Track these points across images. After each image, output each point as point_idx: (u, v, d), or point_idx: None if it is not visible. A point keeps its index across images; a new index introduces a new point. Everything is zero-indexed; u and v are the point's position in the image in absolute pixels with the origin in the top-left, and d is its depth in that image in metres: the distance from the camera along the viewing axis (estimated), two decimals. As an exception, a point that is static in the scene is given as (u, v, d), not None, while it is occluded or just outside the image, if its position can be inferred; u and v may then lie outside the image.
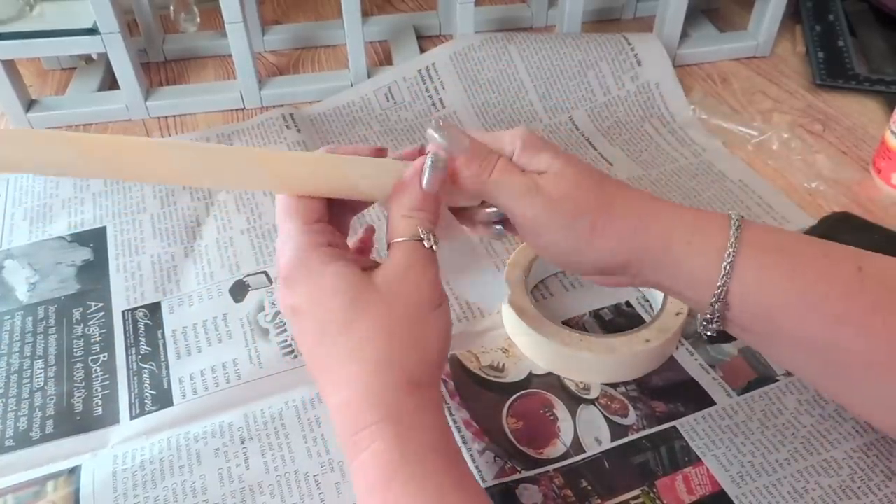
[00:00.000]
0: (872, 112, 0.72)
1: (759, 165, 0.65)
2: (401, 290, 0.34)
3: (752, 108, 0.73)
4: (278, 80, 0.75)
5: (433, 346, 0.34)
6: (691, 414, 0.44)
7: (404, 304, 0.33)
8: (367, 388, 0.32)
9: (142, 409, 0.46)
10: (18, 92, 0.69)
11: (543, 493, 0.41)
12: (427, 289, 0.34)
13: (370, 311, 0.33)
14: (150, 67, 0.81)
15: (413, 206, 0.35)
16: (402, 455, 0.31)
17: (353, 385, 0.32)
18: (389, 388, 0.32)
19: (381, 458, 0.31)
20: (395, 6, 0.91)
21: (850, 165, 0.65)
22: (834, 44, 0.80)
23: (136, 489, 0.41)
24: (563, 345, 0.45)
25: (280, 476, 0.42)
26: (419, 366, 0.33)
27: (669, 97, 0.72)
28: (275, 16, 0.90)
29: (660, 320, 0.47)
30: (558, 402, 0.45)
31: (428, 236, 0.35)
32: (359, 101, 0.72)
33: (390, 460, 0.31)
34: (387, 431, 0.31)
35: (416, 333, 0.33)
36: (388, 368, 0.32)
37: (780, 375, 0.46)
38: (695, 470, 0.42)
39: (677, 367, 0.47)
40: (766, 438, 0.43)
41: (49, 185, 0.64)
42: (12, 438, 0.44)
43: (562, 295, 0.53)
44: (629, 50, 0.73)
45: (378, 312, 0.33)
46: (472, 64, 0.73)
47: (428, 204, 0.36)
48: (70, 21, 0.67)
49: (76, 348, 0.50)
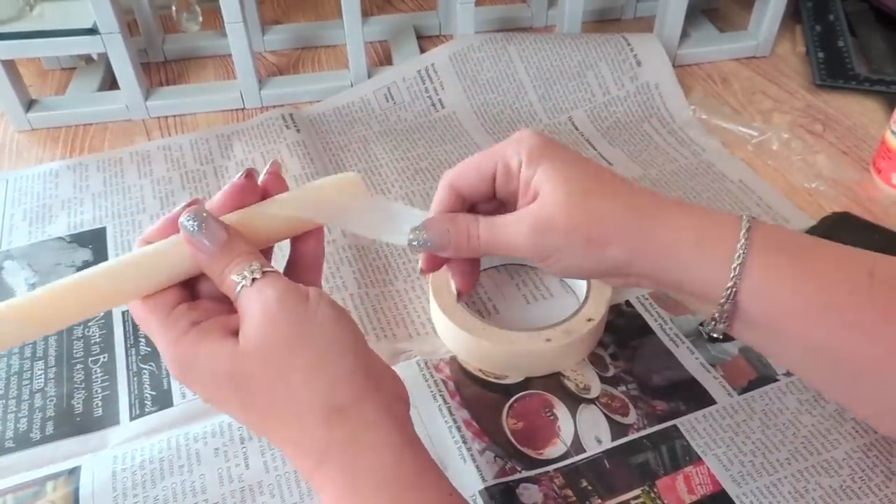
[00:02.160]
0: (872, 112, 0.72)
1: (759, 166, 0.65)
2: (264, 336, 0.31)
3: (752, 109, 0.73)
4: (278, 80, 0.75)
5: (330, 367, 0.31)
6: (692, 413, 0.44)
7: (275, 347, 0.31)
8: (294, 443, 0.31)
9: (142, 409, 0.46)
10: (18, 92, 0.69)
11: (544, 492, 0.41)
12: (282, 315, 0.31)
13: (252, 378, 0.31)
14: (150, 67, 0.81)
15: (218, 269, 0.33)
16: (354, 491, 0.30)
17: (283, 442, 0.32)
18: (311, 433, 0.31)
19: (334, 499, 0.30)
20: (395, 6, 0.91)
21: (850, 165, 0.65)
22: (834, 44, 0.80)
23: (136, 489, 0.41)
24: (464, 329, 0.46)
25: (280, 476, 0.42)
26: (331, 393, 0.31)
27: (669, 97, 0.72)
28: (275, 16, 0.90)
29: (568, 322, 0.47)
30: (558, 403, 0.45)
31: (245, 274, 0.32)
32: (358, 101, 0.72)
33: (343, 500, 0.30)
34: (330, 474, 0.30)
35: (305, 366, 0.31)
36: (299, 417, 0.31)
37: (780, 375, 0.46)
38: (695, 469, 0.42)
39: (678, 366, 0.47)
40: (767, 438, 0.43)
41: (48, 186, 0.64)
42: (12, 440, 0.44)
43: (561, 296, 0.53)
44: (629, 50, 0.73)
45: (258, 375, 0.31)
46: (472, 64, 0.73)
47: (226, 255, 0.33)
48: (70, 21, 0.67)
49: (76, 349, 0.50)
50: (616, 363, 0.48)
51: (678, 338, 0.49)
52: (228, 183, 0.36)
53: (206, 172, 0.64)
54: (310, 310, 0.32)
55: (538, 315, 0.51)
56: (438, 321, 0.49)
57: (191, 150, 0.67)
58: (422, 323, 0.51)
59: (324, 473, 0.30)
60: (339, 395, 0.31)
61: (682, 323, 0.50)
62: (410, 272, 0.55)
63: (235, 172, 0.64)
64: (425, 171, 0.65)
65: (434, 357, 0.48)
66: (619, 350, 0.49)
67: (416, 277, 0.54)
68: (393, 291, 0.53)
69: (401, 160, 0.66)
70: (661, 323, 0.50)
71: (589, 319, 0.47)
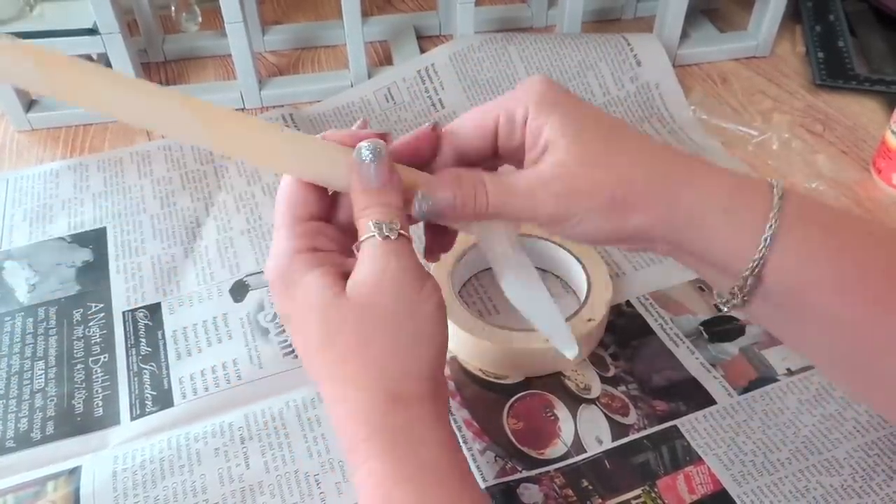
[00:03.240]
0: (872, 112, 0.72)
1: (759, 165, 0.65)
2: (369, 298, 0.31)
3: (752, 109, 0.73)
4: (278, 80, 0.75)
5: (417, 354, 0.31)
6: (692, 413, 0.44)
7: (373, 315, 0.31)
8: (352, 405, 0.31)
9: (142, 409, 0.46)
10: (19, 91, 0.69)
11: (544, 492, 0.41)
12: (393, 289, 0.31)
13: (341, 327, 0.31)
14: (150, 67, 0.81)
15: (362, 205, 0.32)
16: (395, 475, 0.30)
17: (340, 403, 0.32)
18: (372, 407, 0.31)
19: (374, 478, 0.30)
20: (395, 6, 0.91)
21: (850, 165, 0.65)
22: (834, 44, 0.80)
23: (136, 489, 0.41)
24: (464, 329, 0.46)
25: (280, 476, 0.42)
26: (402, 380, 0.31)
27: (669, 97, 0.72)
28: (275, 16, 0.90)
29: (569, 323, 0.46)
30: (559, 403, 0.45)
31: (382, 227, 0.31)
32: (358, 101, 0.72)
33: (383, 481, 0.30)
34: (377, 450, 0.30)
35: (391, 345, 0.31)
36: (367, 387, 0.31)
37: (780, 375, 0.46)
38: (696, 469, 0.42)
39: (678, 366, 0.47)
40: (768, 437, 0.43)
41: (49, 186, 0.64)
42: (13, 439, 0.44)
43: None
44: (629, 50, 0.73)
45: (348, 329, 0.31)
46: (472, 64, 0.73)
47: (377, 198, 0.32)
48: (70, 21, 0.67)
49: (76, 349, 0.50)
50: (616, 363, 0.48)
51: (678, 338, 0.49)
52: (415, 130, 0.35)
53: (207, 172, 0.64)
54: (420, 298, 0.31)
55: None
56: None
57: (191, 150, 0.67)
58: (422, 323, 0.51)
59: (372, 447, 0.30)
60: (409, 386, 0.31)
61: (682, 323, 0.50)
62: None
63: (236, 172, 0.64)
64: (425, 171, 0.64)
65: (434, 357, 0.48)
66: (619, 350, 0.49)
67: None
68: (393, 291, 0.53)
69: (401, 160, 0.66)
70: (662, 323, 0.50)
71: (589, 319, 0.47)
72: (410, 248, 0.32)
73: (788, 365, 0.47)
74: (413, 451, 0.30)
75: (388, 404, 0.31)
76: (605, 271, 0.50)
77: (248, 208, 0.60)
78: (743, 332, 0.49)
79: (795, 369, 0.47)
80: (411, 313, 0.31)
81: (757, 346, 0.48)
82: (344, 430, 0.32)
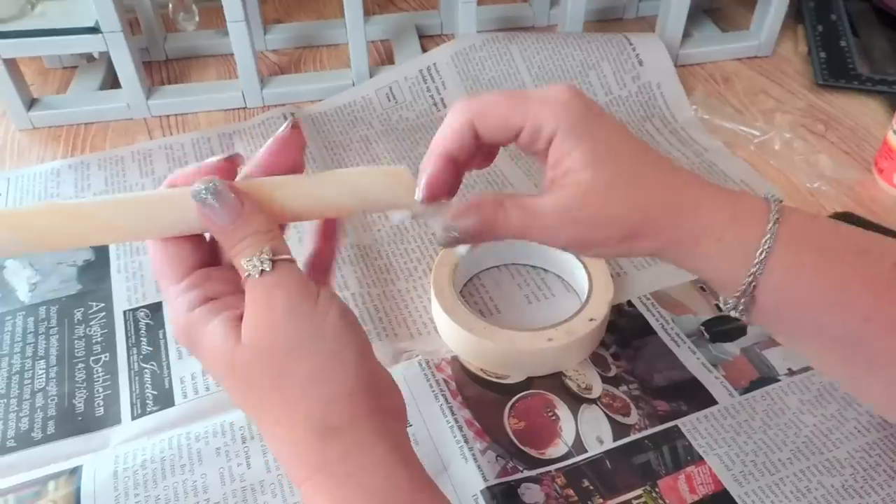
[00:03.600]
0: (874, 112, 0.72)
1: (761, 165, 0.65)
2: (266, 339, 0.29)
3: (753, 109, 0.73)
4: (280, 79, 0.75)
5: (330, 383, 0.30)
6: (693, 413, 0.44)
7: (275, 354, 0.29)
8: (287, 447, 0.30)
9: (143, 409, 0.46)
10: (20, 90, 0.69)
11: (545, 492, 0.41)
12: (287, 321, 0.29)
13: (251, 374, 0.30)
14: (151, 66, 0.81)
15: (228, 245, 0.31)
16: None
17: (276, 444, 0.31)
18: (306, 446, 0.30)
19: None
20: (397, 5, 0.91)
21: (852, 166, 0.65)
22: (836, 44, 0.79)
23: (137, 488, 0.41)
24: (465, 329, 0.46)
25: (281, 475, 0.42)
26: (328, 409, 0.30)
27: (671, 97, 0.72)
28: (276, 15, 0.90)
29: (570, 322, 0.47)
30: (560, 403, 0.45)
31: (254, 262, 0.30)
32: (360, 100, 0.72)
33: None
34: (321, 485, 0.29)
35: (304, 377, 0.29)
36: (289, 426, 0.30)
37: (782, 375, 0.46)
38: (697, 469, 0.42)
39: (679, 367, 0.47)
40: (769, 438, 0.43)
41: (50, 185, 0.64)
42: (14, 439, 0.44)
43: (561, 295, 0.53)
44: (630, 50, 0.73)
45: (256, 375, 0.30)
46: (474, 64, 0.73)
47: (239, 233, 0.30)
48: (72, 20, 0.67)
49: (77, 349, 0.50)
50: (618, 363, 0.48)
51: (680, 338, 0.49)
52: (272, 137, 0.33)
53: (208, 171, 0.64)
54: (317, 316, 0.30)
55: (540, 315, 0.51)
56: (440, 321, 0.49)
57: (192, 150, 0.67)
58: (423, 322, 0.51)
59: (314, 486, 0.30)
60: (336, 414, 0.30)
61: (683, 323, 0.50)
62: (412, 272, 0.55)
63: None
64: (427, 170, 0.64)
65: (435, 357, 0.48)
66: (620, 350, 0.49)
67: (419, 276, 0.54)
68: (395, 291, 0.53)
69: (402, 159, 0.66)
70: (663, 323, 0.50)
71: (591, 319, 0.47)
72: (292, 270, 0.31)
73: (790, 365, 0.47)
74: (356, 481, 0.29)
75: (319, 440, 0.30)
76: (607, 271, 0.50)
77: (249, 207, 0.60)
78: (744, 333, 0.49)
79: (797, 369, 0.47)
80: (313, 336, 0.30)
81: (758, 347, 0.48)
82: (287, 471, 0.31)
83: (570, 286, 0.53)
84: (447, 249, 0.52)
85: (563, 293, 0.53)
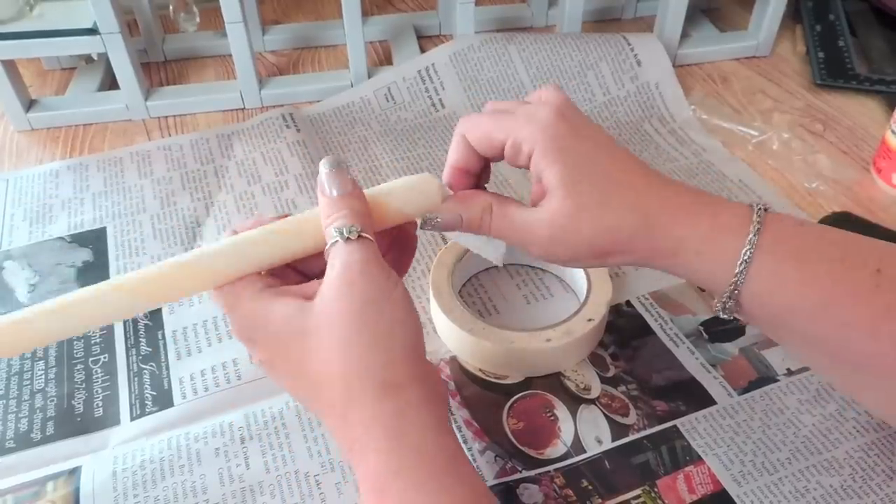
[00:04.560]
0: (873, 112, 0.72)
1: (759, 165, 0.65)
2: (336, 302, 0.32)
3: (752, 108, 0.73)
4: (278, 79, 0.75)
5: (395, 342, 0.32)
6: (692, 413, 0.44)
7: (341, 315, 0.32)
8: (342, 409, 0.32)
9: (142, 410, 0.46)
10: (18, 92, 0.69)
11: (544, 492, 0.41)
12: (362, 280, 0.32)
13: (315, 338, 0.32)
14: (150, 67, 0.81)
15: (326, 214, 0.34)
16: (390, 466, 0.30)
17: (330, 410, 0.32)
18: (360, 402, 0.31)
19: (372, 472, 0.30)
20: (395, 6, 0.91)
21: (850, 165, 0.65)
22: (834, 44, 0.80)
23: (136, 489, 0.41)
24: (464, 329, 0.46)
25: (280, 476, 0.42)
26: (386, 368, 0.31)
27: (669, 97, 0.72)
28: (275, 15, 0.90)
29: (569, 323, 0.47)
30: (559, 403, 0.45)
31: (342, 231, 0.33)
32: (358, 101, 0.72)
33: (380, 473, 0.30)
34: (373, 445, 0.31)
35: (370, 335, 0.31)
36: (350, 384, 0.31)
37: (780, 376, 0.46)
38: (696, 469, 0.42)
39: (678, 367, 0.47)
40: (768, 437, 0.43)
41: (48, 186, 0.64)
42: (13, 440, 0.44)
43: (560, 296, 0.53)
44: (629, 50, 0.73)
45: (324, 331, 0.32)
46: (472, 64, 0.73)
47: (338, 206, 0.34)
48: (70, 21, 0.67)
49: (76, 350, 0.50)
50: (616, 363, 0.48)
51: (678, 338, 0.49)
52: None
53: (207, 172, 0.64)
54: (389, 285, 0.32)
55: (538, 315, 0.51)
56: (439, 321, 0.49)
57: (191, 150, 0.67)
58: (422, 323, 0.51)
59: (366, 444, 0.31)
60: (396, 371, 0.32)
61: (682, 323, 0.50)
62: (410, 272, 0.55)
63: (236, 172, 0.64)
64: (426, 171, 0.64)
65: (434, 357, 0.48)
66: (619, 350, 0.49)
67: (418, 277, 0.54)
68: (393, 291, 0.53)
69: (401, 160, 0.66)
70: (662, 323, 0.50)
71: (589, 319, 0.47)
72: (372, 246, 0.33)
73: (788, 365, 0.47)
74: (407, 438, 0.31)
75: (375, 395, 0.31)
76: (605, 271, 0.50)
77: (247, 208, 0.60)
78: (743, 333, 0.49)
79: (795, 369, 0.47)
80: (384, 300, 0.32)
81: (757, 347, 0.48)
82: (337, 437, 0.32)
83: (569, 286, 0.53)
84: (446, 249, 0.52)
85: (561, 293, 0.53)
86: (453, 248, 0.52)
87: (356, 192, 0.35)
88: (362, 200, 0.35)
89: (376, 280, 0.32)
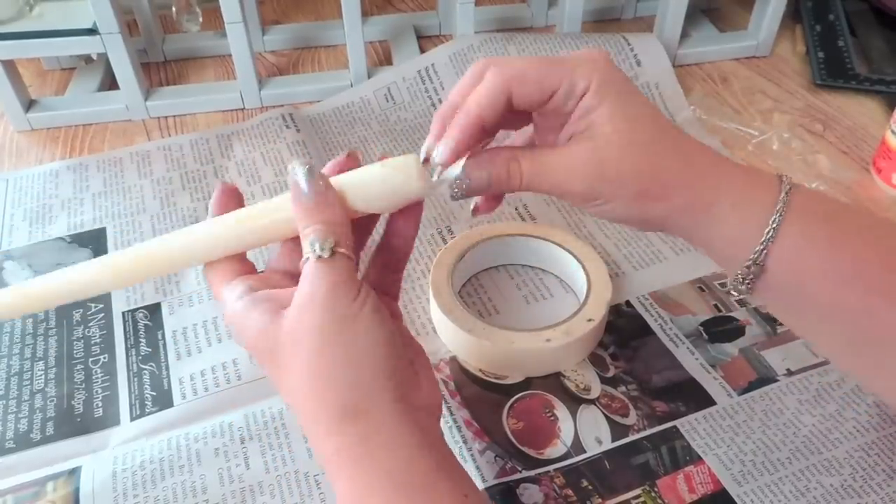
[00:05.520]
0: (872, 112, 0.72)
1: (759, 165, 0.65)
2: (300, 324, 0.31)
3: (752, 108, 0.73)
4: (278, 80, 0.75)
5: (359, 366, 0.31)
6: (692, 413, 0.44)
7: (305, 337, 0.31)
8: (312, 425, 0.31)
9: (142, 410, 0.46)
10: (18, 92, 0.69)
11: (544, 492, 0.41)
12: (325, 304, 0.31)
13: (283, 356, 0.32)
14: (149, 67, 0.81)
15: (301, 224, 0.33)
16: (361, 491, 0.30)
17: (306, 428, 0.32)
18: (329, 423, 0.31)
19: (347, 494, 0.30)
20: (394, 6, 0.91)
21: (850, 165, 0.65)
22: (834, 44, 0.80)
23: (136, 489, 0.41)
24: (464, 330, 0.46)
25: (280, 476, 0.42)
26: (349, 392, 0.31)
27: (669, 97, 0.72)
28: (275, 16, 0.90)
29: (568, 323, 0.47)
30: (559, 403, 0.45)
31: (316, 247, 0.31)
32: (358, 101, 0.72)
33: (353, 497, 0.30)
34: (343, 470, 0.30)
35: (328, 362, 0.31)
36: (316, 409, 0.31)
37: (780, 376, 0.46)
38: (696, 469, 0.42)
39: (678, 367, 0.47)
40: (768, 437, 0.43)
41: (48, 186, 0.64)
42: (13, 440, 0.44)
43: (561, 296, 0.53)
44: (629, 50, 0.73)
45: (287, 353, 0.31)
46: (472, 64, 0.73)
47: (314, 216, 0.32)
48: (70, 21, 0.67)
49: (76, 350, 0.50)
50: (616, 363, 0.48)
51: (678, 338, 0.49)
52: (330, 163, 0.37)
53: (207, 172, 0.64)
54: (355, 305, 0.31)
55: (538, 315, 0.51)
56: (439, 321, 0.49)
57: (191, 151, 0.67)
58: (422, 323, 0.51)
59: (336, 466, 0.31)
60: (355, 396, 0.31)
61: (682, 323, 0.50)
62: (410, 272, 0.55)
63: (236, 172, 0.64)
64: (425, 171, 0.64)
65: (434, 357, 0.48)
66: (619, 350, 0.49)
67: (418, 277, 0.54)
68: (393, 291, 0.53)
69: (401, 160, 0.66)
70: (662, 323, 0.50)
71: (589, 320, 0.47)
72: (346, 264, 0.32)
73: (788, 365, 0.47)
74: (375, 462, 0.30)
75: (338, 421, 0.31)
76: (605, 271, 0.50)
77: (247, 208, 0.60)
78: (742, 333, 0.49)
79: (795, 370, 0.47)
80: (345, 325, 0.31)
81: (756, 347, 0.48)
82: (317, 450, 0.32)
83: (569, 286, 0.53)
84: (446, 249, 0.52)
85: (561, 294, 0.53)
86: (453, 248, 0.52)
87: (332, 200, 0.33)
88: (338, 208, 0.33)
89: (339, 306, 0.31)
